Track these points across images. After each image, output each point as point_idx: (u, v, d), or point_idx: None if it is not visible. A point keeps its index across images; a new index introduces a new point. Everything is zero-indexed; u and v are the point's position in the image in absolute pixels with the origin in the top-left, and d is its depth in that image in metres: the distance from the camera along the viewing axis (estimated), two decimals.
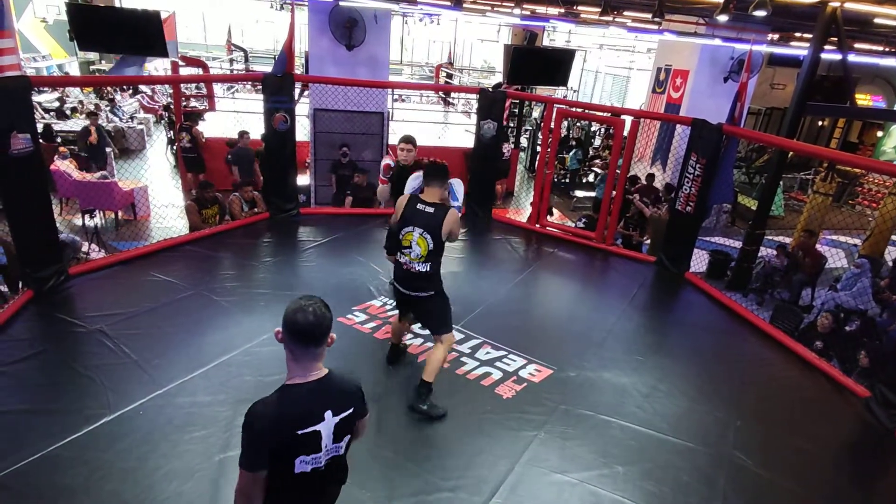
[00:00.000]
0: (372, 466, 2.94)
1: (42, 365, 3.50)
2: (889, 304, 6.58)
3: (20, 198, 4.08)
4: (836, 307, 6.69)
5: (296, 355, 1.72)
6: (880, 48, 10.64)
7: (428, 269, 3.25)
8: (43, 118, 11.72)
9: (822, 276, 7.78)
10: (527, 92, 11.92)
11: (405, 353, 3.93)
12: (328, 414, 1.73)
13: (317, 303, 1.71)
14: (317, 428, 1.71)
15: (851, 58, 7.46)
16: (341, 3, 7.84)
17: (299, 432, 1.67)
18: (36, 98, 11.96)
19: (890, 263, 8.00)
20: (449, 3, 8.67)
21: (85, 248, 6.04)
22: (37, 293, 4.22)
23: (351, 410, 1.80)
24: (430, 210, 3.20)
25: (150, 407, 3.19)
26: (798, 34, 10.67)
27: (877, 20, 7.78)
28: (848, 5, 6.31)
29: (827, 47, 6.63)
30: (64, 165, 8.02)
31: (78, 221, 7.83)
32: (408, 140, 4.09)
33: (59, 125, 11.13)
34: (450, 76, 19.44)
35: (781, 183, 10.36)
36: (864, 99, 14.80)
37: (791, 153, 8.21)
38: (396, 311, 4.23)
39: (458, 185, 3.68)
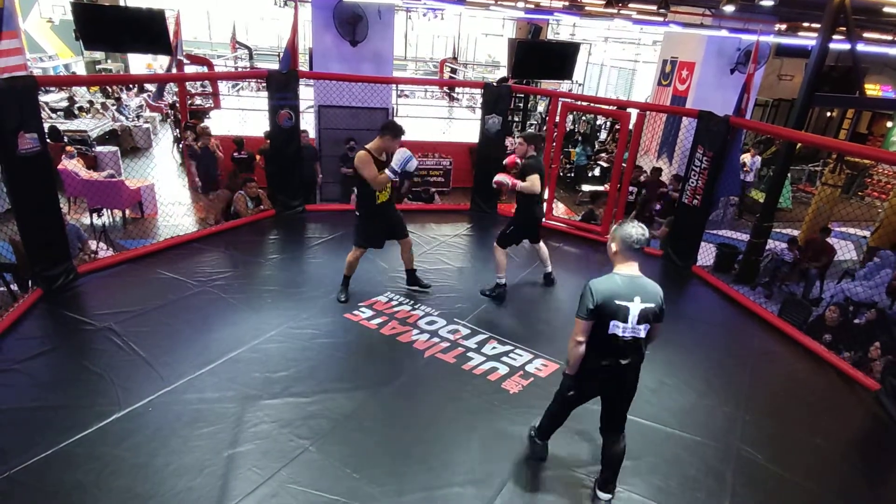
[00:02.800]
0: (381, 461, 2.95)
1: (52, 362, 3.54)
2: None
3: (28, 197, 4.11)
4: (846, 299, 6.64)
5: (626, 256, 2.51)
6: (889, 37, 10.49)
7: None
8: (50, 118, 11.78)
9: (831, 268, 7.71)
10: (531, 86, 11.86)
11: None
12: (637, 299, 2.47)
13: (642, 226, 2.51)
14: (626, 305, 2.46)
15: (860, 47, 7.35)
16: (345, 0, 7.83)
17: (615, 302, 2.45)
18: (43, 98, 12.04)
19: None
20: None
21: (93, 246, 6.07)
22: (46, 292, 4.26)
23: (653, 305, 2.49)
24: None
25: (159, 403, 3.22)
26: (806, 24, 10.54)
27: (886, 9, 7.68)
28: None
29: (835, 37, 6.51)
30: (72, 165, 8.07)
31: (86, 220, 7.88)
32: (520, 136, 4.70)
33: (65, 125, 11.17)
34: (454, 71, 19.38)
35: (789, 175, 10.29)
36: (873, 89, 14.61)
37: (799, 145, 8.13)
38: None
39: (400, 154, 4.04)
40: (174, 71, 9.78)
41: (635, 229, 2.48)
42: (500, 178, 4.50)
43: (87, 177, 8.02)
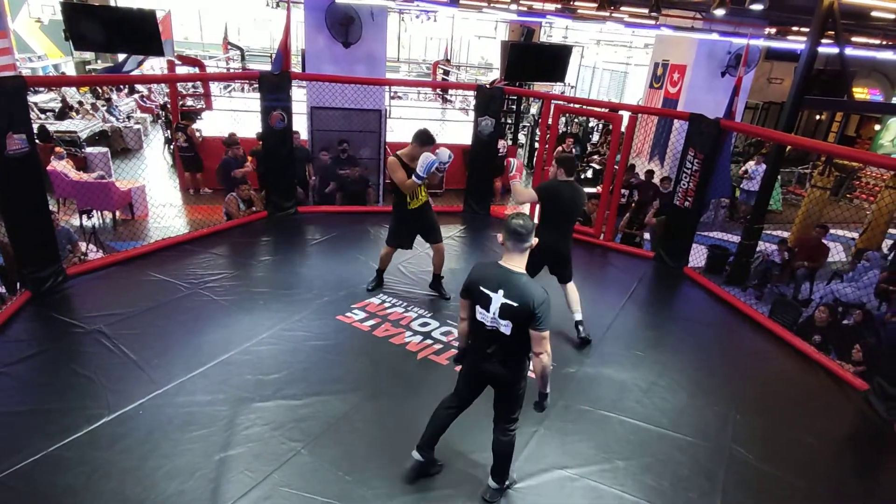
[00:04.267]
0: (374, 463, 2.94)
1: (41, 365, 3.50)
2: (890, 297, 6.58)
3: (17, 198, 4.07)
4: (835, 300, 6.70)
5: (509, 248, 2.52)
6: (877, 41, 10.62)
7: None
8: (38, 118, 11.66)
9: (821, 269, 7.78)
10: (524, 88, 11.89)
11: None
12: (500, 291, 2.46)
13: (525, 217, 2.53)
14: (489, 294, 2.48)
15: (849, 51, 7.44)
16: (338, 1, 7.81)
17: (480, 287, 2.52)
18: (32, 98, 11.92)
19: (890, 256, 8.00)
20: (446, 0, 8.65)
21: (83, 247, 6.01)
22: (35, 294, 4.22)
23: (516, 304, 2.43)
24: None
25: (149, 406, 3.19)
26: (795, 28, 10.66)
27: (874, 13, 7.78)
28: None
29: (824, 41, 6.60)
30: (61, 165, 7.99)
31: (75, 221, 7.81)
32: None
33: (55, 125, 11.06)
34: (447, 73, 19.39)
35: (779, 177, 10.36)
36: (861, 92, 14.78)
37: (789, 147, 8.20)
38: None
39: (423, 158, 4.01)
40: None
41: (515, 220, 2.49)
42: (513, 160, 4.19)
43: (76, 178, 7.95)
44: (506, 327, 2.48)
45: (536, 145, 11.00)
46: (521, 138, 14.16)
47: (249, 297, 4.49)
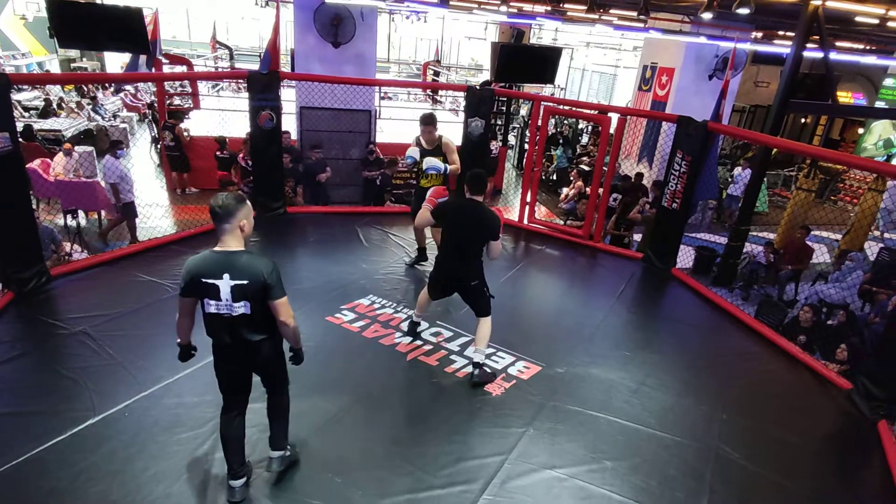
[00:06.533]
0: (363, 465, 2.93)
1: (24, 367, 3.45)
2: (873, 298, 6.68)
3: None
4: (819, 301, 6.79)
5: (218, 232, 2.45)
6: (861, 46, 10.81)
7: None
8: (22, 117, 11.49)
9: (806, 270, 7.88)
10: (514, 89, 11.93)
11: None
12: (226, 276, 2.39)
13: (227, 196, 2.45)
14: (215, 282, 2.40)
15: (833, 56, 7.56)
16: (327, 1, 7.79)
17: (202, 280, 2.41)
18: (15, 97, 11.74)
19: (871, 258, 8.13)
20: (436, 1, 8.66)
21: (67, 248, 5.93)
22: (18, 295, 4.15)
23: (247, 282, 2.39)
24: None
25: (135, 408, 3.15)
26: (781, 32, 10.80)
27: (858, 18, 7.91)
28: (829, 3, 6.40)
29: (809, 45, 6.70)
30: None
31: (60, 221, 7.70)
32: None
33: (39, 124, 10.90)
34: (437, 74, 19.40)
35: (766, 179, 10.49)
36: (845, 96, 15.02)
37: (775, 150, 8.31)
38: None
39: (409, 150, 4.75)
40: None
41: (215, 200, 2.41)
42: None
43: (60, 177, 7.83)
44: (244, 307, 2.42)
45: (527, 147, 11.04)
46: (511, 139, 14.20)
47: None
